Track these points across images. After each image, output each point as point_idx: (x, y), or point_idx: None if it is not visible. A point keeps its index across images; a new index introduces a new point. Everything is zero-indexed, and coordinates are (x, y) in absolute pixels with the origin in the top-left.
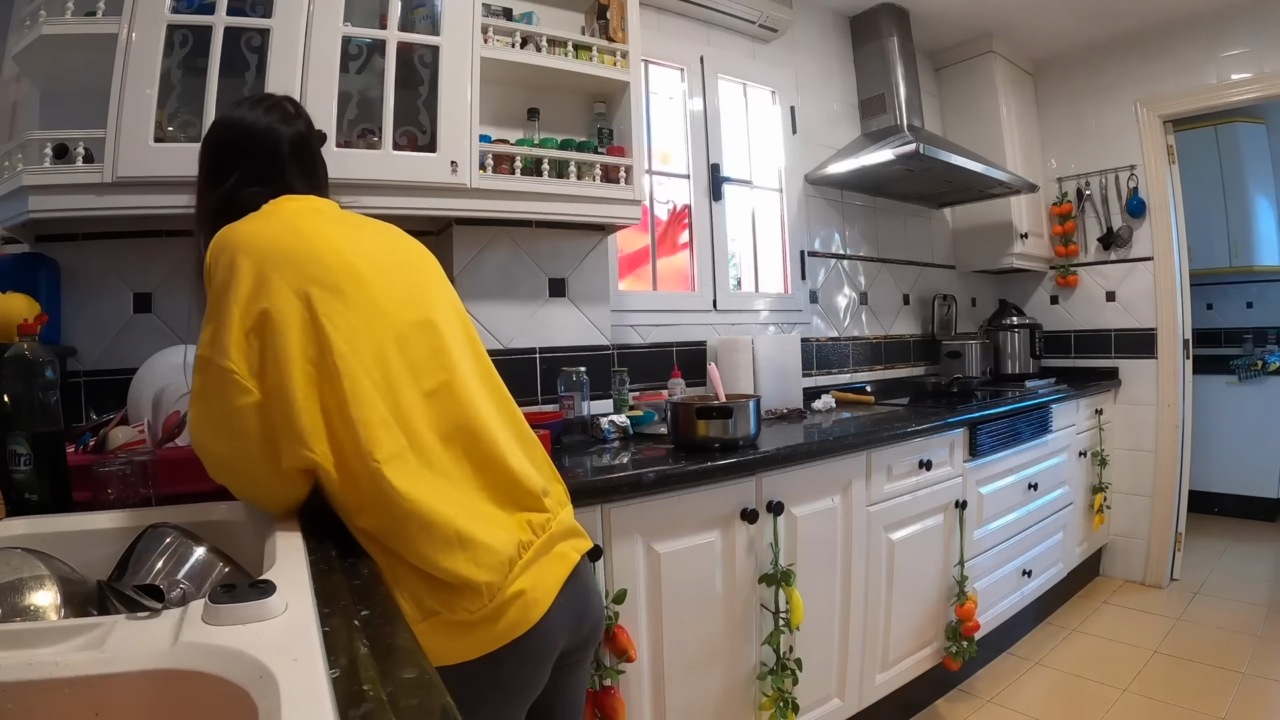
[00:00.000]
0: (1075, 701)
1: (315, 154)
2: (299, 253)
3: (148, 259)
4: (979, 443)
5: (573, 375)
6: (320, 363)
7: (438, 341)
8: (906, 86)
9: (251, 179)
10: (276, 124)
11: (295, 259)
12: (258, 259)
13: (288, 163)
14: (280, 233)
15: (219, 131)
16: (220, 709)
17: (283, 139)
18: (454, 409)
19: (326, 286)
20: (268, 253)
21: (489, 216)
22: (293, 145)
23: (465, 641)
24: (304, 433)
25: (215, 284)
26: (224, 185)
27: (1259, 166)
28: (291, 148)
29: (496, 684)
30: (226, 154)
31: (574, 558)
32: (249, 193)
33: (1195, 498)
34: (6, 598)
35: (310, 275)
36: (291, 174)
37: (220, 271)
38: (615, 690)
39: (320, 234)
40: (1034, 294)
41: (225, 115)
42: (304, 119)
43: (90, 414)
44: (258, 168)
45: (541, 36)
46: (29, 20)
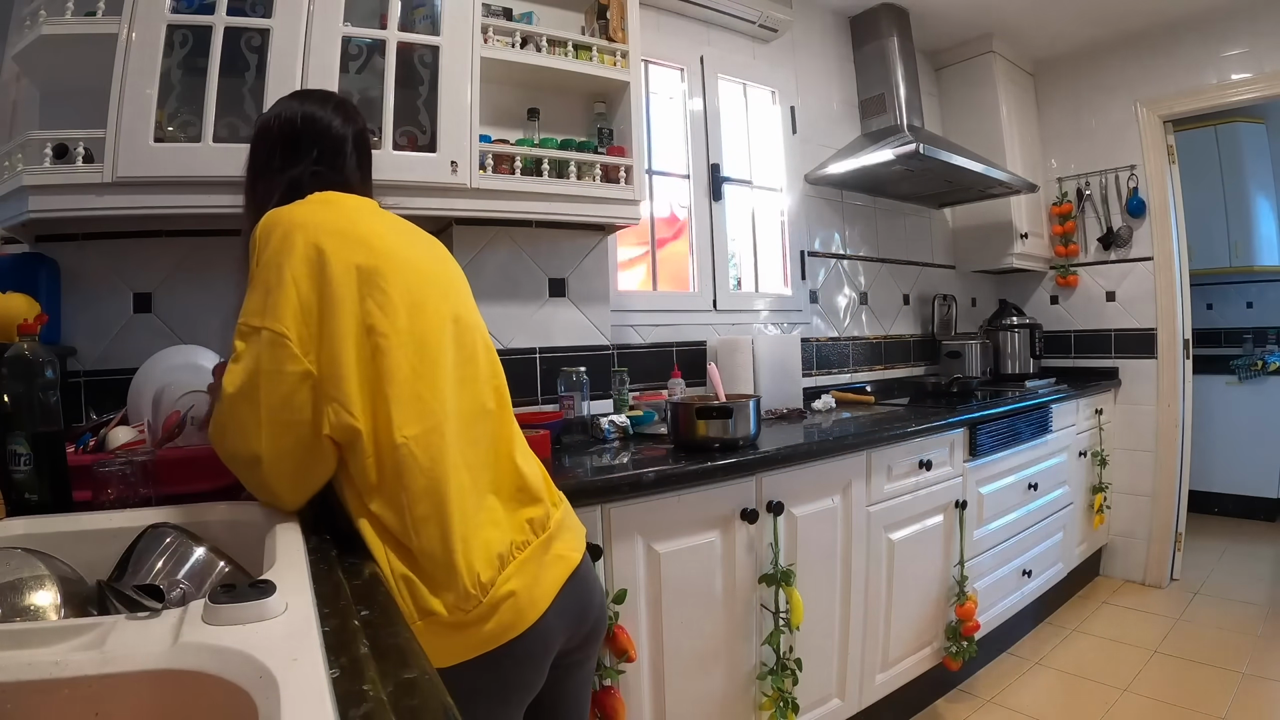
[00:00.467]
0: (1075, 701)
1: (370, 153)
2: (351, 237)
3: (148, 259)
4: (979, 443)
5: (573, 375)
6: (364, 339)
7: (467, 338)
8: (906, 86)
9: (321, 164)
10: (343, 124)
11: (349, 242)
12: (315, 236)
13: (349, 158)
14: (335, 217)
15: (290, 120)
16: (220, 709)
17: (349, 136)
18: (477, 403)
19: (375, 271)
20: (326, 232)
21: (489, 216)
22: (355, 142)
23: (460, 642)
24: (350, 400)
25: (266, 257)
26: (296, 168)
27: (1259, 166)
28: (355, 144)
29: (493, 685)
30: (299, 142)
31: (574, 559)
32: (314, 174)
33: (1195, 498)
34: (6, 598)
35: (361, 258)
36: (351, 169)
37: (275, 244)
38: (615, 690)
39: (370, 226)
40: (1034, 294)
41: (297, 109)
42: (363, 118)
43: (90, 414)
44: (326, 158)
45: (541, 36)
46: (29, 20)
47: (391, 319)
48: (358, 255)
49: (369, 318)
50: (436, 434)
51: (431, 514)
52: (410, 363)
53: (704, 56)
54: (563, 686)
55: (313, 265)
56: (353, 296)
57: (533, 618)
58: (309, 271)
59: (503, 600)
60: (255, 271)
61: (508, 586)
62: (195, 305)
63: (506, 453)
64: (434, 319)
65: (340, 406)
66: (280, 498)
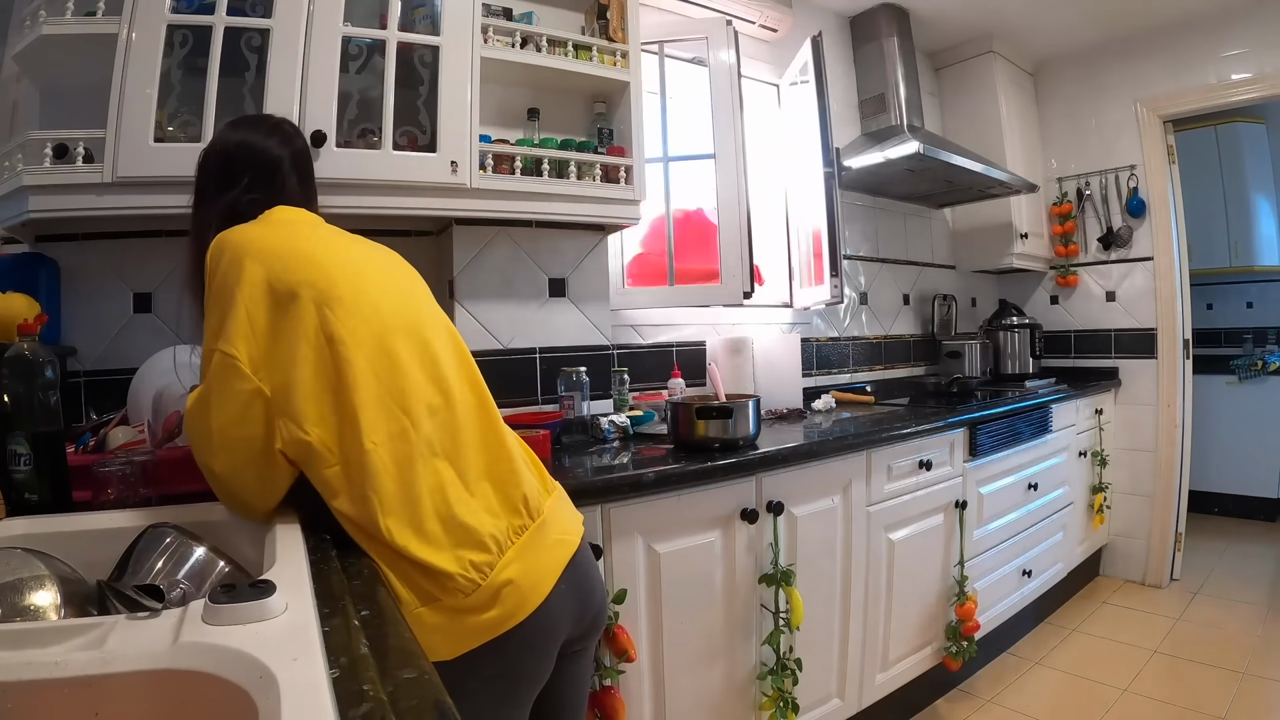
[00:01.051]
0: (1075, 701)
1: (311, 170)
2: (299, 253)
3: (148, 259)
4: (979, 443)
5: (573, 375)
6: (325, 351)
7: (429, 335)
8: (906, 86)
9: (255, 190)
10: (279, 145)
11: (297, 258)
12: (261, 258)
13: (288, 178)
14: (282, 236)
15: (224, 150)
16: (220, 709)
17: (285, 158)
18: (451, 397)
19: (329, 281)
20: (270, 253)
21: (489, 216)
22: (293, 162)
23: (463, 630)
24: (302, 415)
25: (217, 281)
26: (230, 194)
27: (1259, 166)
28: (292, 164)
29: (501, 674)
30: (232, 168)
31: (572, 541)
32: (251, 200)
33: (1195, 498)
34: (6, 598)
35: (311, 272)
36: (291, 188)
37: (224, 269)
38: (615, 690)
39: (319, 239)
40: (1034, 294)
41: (230, 136)
42: (302, 138)
43: (90, 414)
44: (262, 181)
45: (541, 36)
46: (29, 20)
47: (350, 327)
48: (307, 270)
49: (327, 327)
50: (403, 438)
51: (405, 515)
52: (374, 368)
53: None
54: (563, 677)
55: (261, 284)
56: (307, 311)
57: (535, 602)
58: (257, 292)
59: (503, 586)
60: (208, 296)
61: (506, 573)
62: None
63: (495, 441)
64: (393, 320)
65: (290, 421)
66: (247, 506)
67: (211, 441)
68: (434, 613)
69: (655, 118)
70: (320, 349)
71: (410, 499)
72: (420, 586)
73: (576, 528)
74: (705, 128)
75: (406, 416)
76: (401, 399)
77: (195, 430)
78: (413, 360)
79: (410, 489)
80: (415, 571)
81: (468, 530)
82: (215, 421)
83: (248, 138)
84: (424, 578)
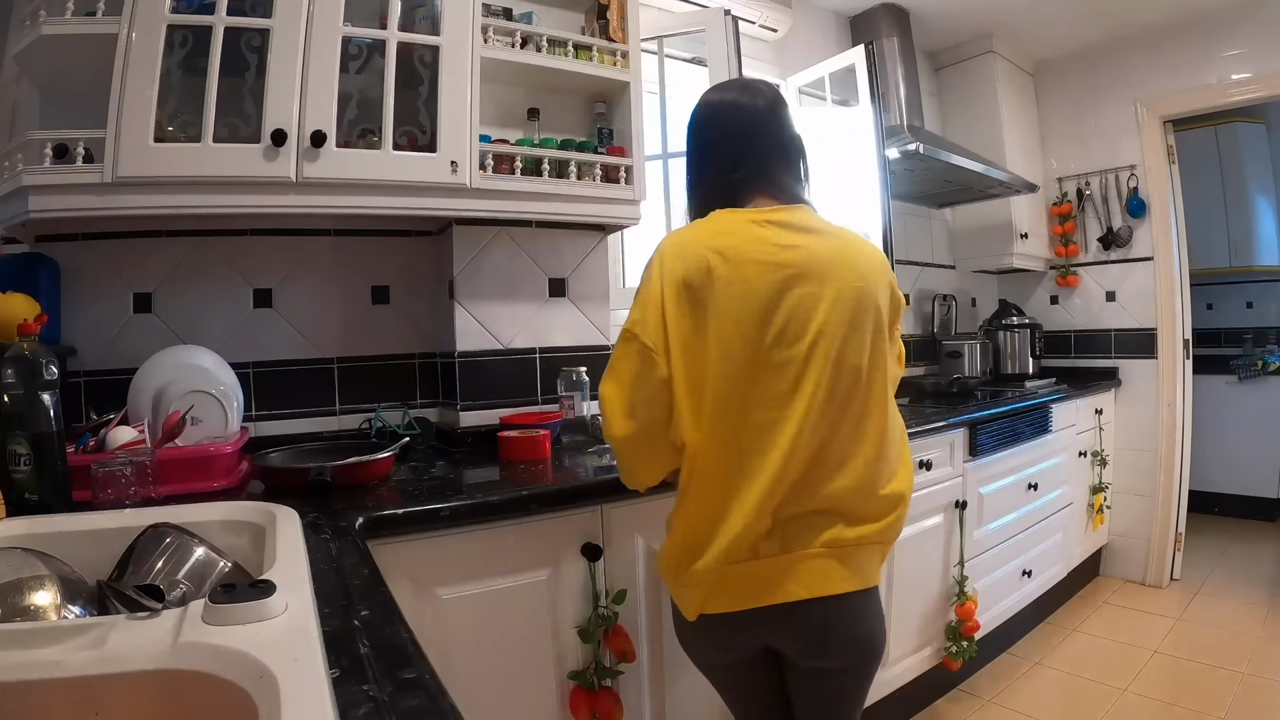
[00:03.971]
0: (1075, 701)
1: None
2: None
3: (148, 259)
4: (979, 443)
5: (573, 375)
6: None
7: (808, 351)
8: (906, 86)
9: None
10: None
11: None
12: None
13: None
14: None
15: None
16: (220, 709)
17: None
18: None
19: (699, 294)
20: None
21: (489, 216)
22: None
23: (686, 595)
24: (685, 412)
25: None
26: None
27: (1259, 166)
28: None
29: (698, 643)
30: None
31: (799, 594)
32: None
33: (1195, 498)
34: (6, 598)
35: (705, 271)
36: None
37: (653, 265)
38: (615, 690)
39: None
40: (1034, 294)
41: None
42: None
43: (90, 414)
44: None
45: (541, 36)
46: (29, 20)
47: (719, 339)
48: (713, 274)
49: (700, 333)
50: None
51: (703, 504)
52: (724, 378)
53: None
54: (801, 691)
55: (675, 283)
56: (711, 316)
57: (715, 608)
58: (674, 292)
59: (702, 577)
60: (640, 285)
61: (704, 571)
62: (195, 305)
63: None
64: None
65: (681, 415)
66: (634, 474)
67: (623, 414)
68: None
69: (655, 117)
70: (715, 351)
71: (710, 488)
72: (680, 561)
73: (831, 584)
74: None
75: (736, 423)
76: (737, 413)
77: (609, 401)
78: (766, 378)
79: (719, 479)
80: (685, 549)
81: (720, 534)
82: (631, 397)
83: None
84: (689, 554)
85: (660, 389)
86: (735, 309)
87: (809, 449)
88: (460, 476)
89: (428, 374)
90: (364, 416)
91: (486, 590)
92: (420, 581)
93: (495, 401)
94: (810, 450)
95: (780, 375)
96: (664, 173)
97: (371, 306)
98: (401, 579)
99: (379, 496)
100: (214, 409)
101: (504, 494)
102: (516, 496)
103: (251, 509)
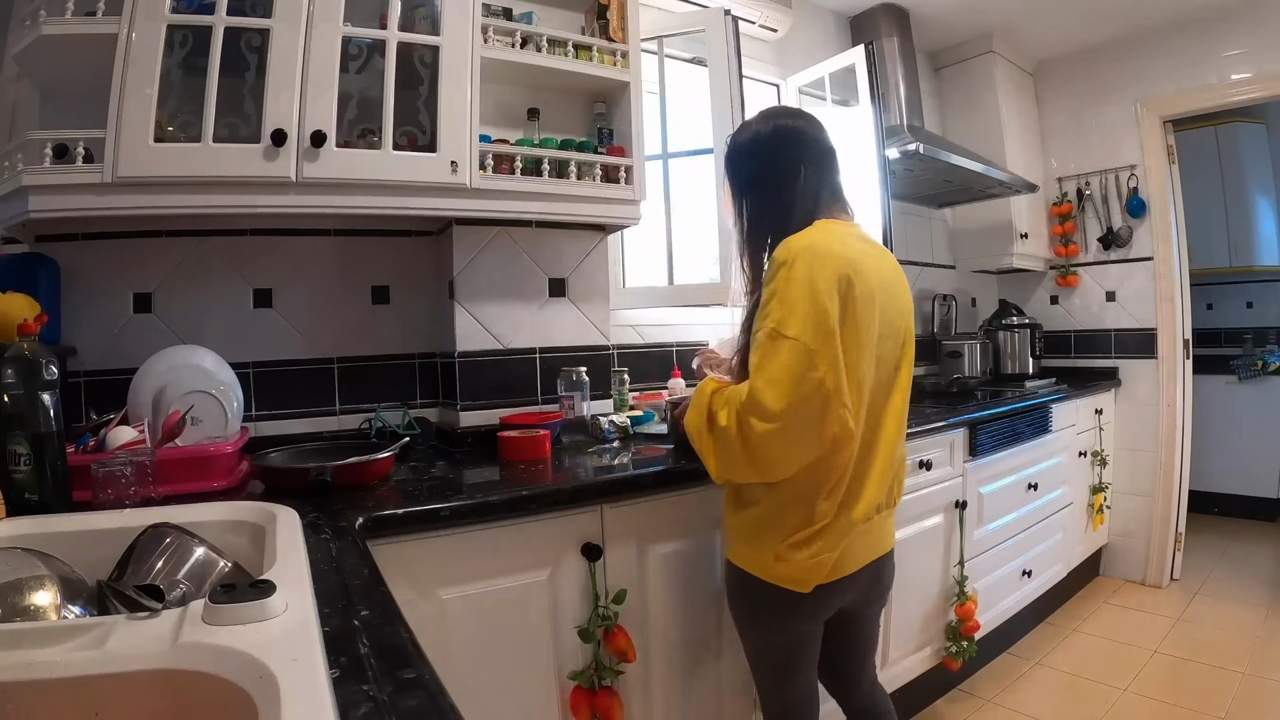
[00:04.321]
0: (1075, 701)
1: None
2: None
3: (148, 259)
4: (979, 443)
5: (573, 375)
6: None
7: (898, 350)
8: (906, 86)
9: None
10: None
11: (850, 266)
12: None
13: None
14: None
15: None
16: (220, 709)
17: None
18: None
19: (849, 295)
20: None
21: (489, 216)
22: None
23: (812, 565)
24: (846, 406)
25: (794, 274)
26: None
27: (1259, 166)
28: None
29: (800, 618)
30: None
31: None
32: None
33: (1195, 498)
34: (6, 598)
35: (847, 279)
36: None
37: (800, 268)
38: (614, 690)
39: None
40: (1034, 294)
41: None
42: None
43: (90, 414)
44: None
45: (541, 36)
46: (29, 20)
47: (856, 338)
48: (843, 277)
49: (848, 331)
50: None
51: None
52: (865, 372)
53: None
54: (850, 635)
55: (830, 287)
56: (867, 317)
57: (836, 576)
58: (830, 291)
59: (839, 546)
60: (784, 286)
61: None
62: (195, 305)
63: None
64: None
65: (849, 412)
66: (779, 463)
67: (784, 410)
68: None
69: (655, 116)
70: (870, 350)
71: (855, 469)
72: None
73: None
74: (706, 127)
75: (871, 410)
76: (872, 396)
77: (765, 407)
78: (885, 363)
79: (860, 460)
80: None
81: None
82: (791, 395)
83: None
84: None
85: (817, 386)
86: (863, 310)
87: (898, 427)
88: (460, 476)
89: (428, 374)
90: (364, 416)
91: (486, 590)
92: (420, 581)
93: (495, 401)
94: (898, 427)
95: (883, 366)
96: (664, 173)
97: (371, 306)
98: (401, 579)
99: (379, 496)
100: (214, 409)
101: (504, 494)
102: (516, 496)
103: (251, 509)
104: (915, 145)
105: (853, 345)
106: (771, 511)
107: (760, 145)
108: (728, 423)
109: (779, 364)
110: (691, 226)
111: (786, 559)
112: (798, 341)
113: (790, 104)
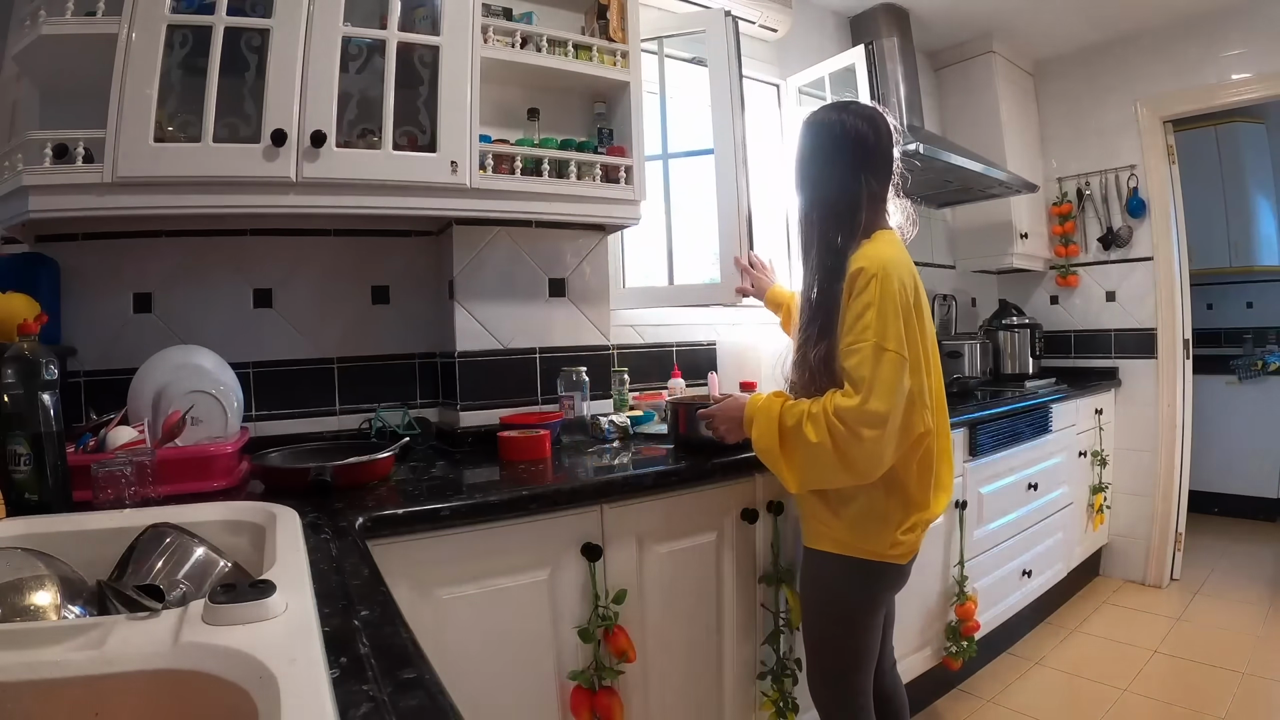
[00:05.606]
0: (1075, 701)
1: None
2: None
3: (148, 259)
4: (979, 442)
5: (573, 375)
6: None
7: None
8: (906, 86)
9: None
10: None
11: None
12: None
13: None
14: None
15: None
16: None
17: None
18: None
19: (917, 305)
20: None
21: (489, 216)
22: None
23: (908, 541)
24: (928, 406)
25: (884, 290)
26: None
27: (1259, 166)
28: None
29: (888, 587)
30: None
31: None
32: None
33: (1195, 498)
34: (6, 598)
35: (915, 290)
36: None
37: (882, 283)
38: (614, 690)
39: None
40: (1034, 294)
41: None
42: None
43: (90, 414)
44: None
45: (541, 36)
46: (29, 20)
47: (925, 346)
48: (919, 289)
49: (920, 342)
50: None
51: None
52: (933, 380)
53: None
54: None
55: (908, 300)
56: (929, 322)
57: (914, 554)
58: (907, 303)
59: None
60: (879, 300)
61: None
62: (195, 305)
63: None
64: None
65: (925, 409)
66: (882, 463)
67: (891, 415)
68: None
69: (655, 117)
70: (933, 355)
71: (930, 482)
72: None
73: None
74: (705, 127)
75: (939, 414)
76: (938, 401)
77: (872, 415)
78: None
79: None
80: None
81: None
82: (896, 403)
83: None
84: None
85: (907, 393)
86: (926, 316)
87: (948, 416)
88: (460, 476)
89: (428, 374)
90: (364, 416)
91: (486, 590)
92: (420, 581)
93: (495, 401)
94: (948, 417)
95: (939, 372)
96: (664, 173)
97: (371, 306)
98: (401, 579)
99: (379, 496)
100: (214, 409)
101: (504, 494)
102: (516, 496)
103: (251, 509)
104: (915, 145)
105: (923, 350)
106: (875, 504)
107: (850, 141)
108: (820, 438)
109: (884, 376)
110: (691, 226)
111: (900, 542)
112: (897, 354)
113: (789, 104)
